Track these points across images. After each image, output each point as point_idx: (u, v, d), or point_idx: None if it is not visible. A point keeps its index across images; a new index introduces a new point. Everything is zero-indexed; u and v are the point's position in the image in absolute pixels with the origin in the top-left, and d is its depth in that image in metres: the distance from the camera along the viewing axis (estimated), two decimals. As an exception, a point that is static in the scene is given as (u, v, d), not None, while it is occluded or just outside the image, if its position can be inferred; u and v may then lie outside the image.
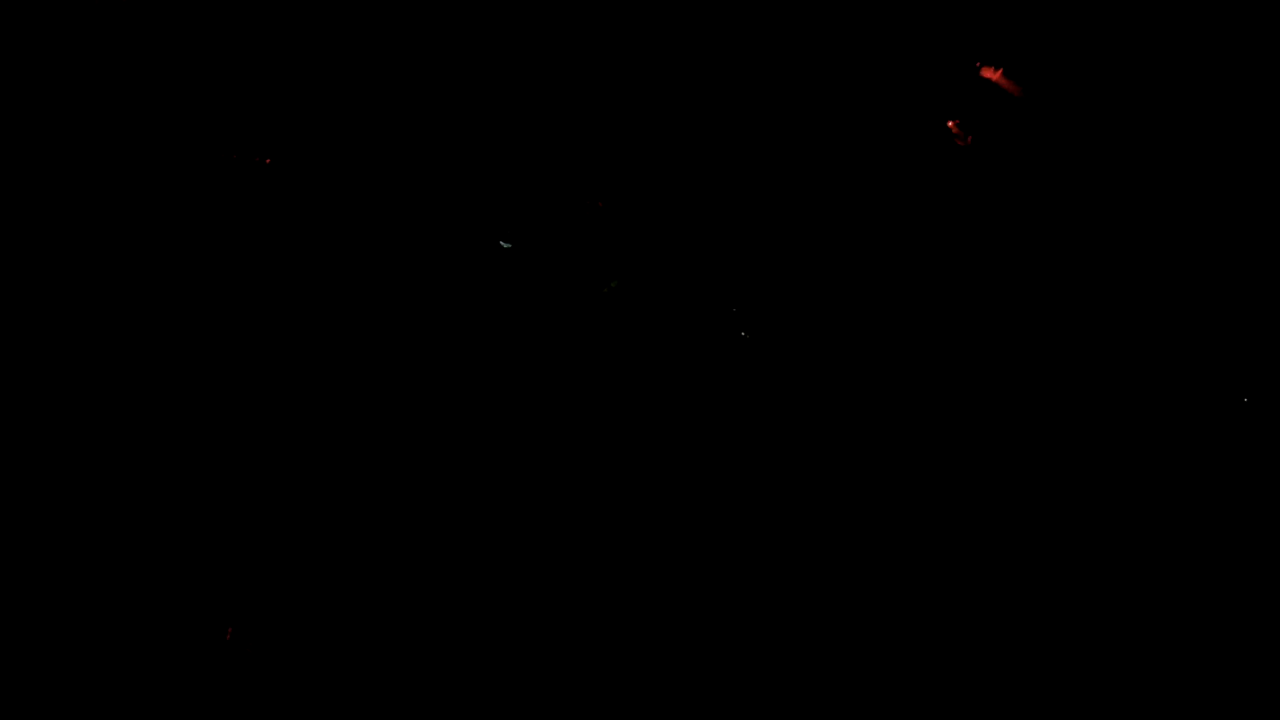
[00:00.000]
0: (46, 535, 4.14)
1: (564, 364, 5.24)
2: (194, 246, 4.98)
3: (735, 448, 5.23)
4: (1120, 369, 5.41)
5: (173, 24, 4.86)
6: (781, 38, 5.43)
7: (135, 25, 4.84)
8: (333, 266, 5.09)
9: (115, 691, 3.71)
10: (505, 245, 4.86)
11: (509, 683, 3.90)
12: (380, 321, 5.07)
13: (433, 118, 5.34)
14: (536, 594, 4.30)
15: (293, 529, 4.13)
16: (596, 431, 5.17)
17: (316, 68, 5.15)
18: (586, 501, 4.85)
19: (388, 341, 5.05)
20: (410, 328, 5.06)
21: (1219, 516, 4.82)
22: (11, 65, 4.71)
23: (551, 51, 5.38)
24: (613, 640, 4.34)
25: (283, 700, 3.77)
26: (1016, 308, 5.58)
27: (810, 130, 5.66)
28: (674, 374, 5.44)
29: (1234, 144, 5.10)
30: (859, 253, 5.64)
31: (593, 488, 4.90)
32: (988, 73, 5.63)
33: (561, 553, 4.44)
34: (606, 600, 4.37)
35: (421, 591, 4.06)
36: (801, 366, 5.59)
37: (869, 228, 5.74)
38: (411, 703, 3.73)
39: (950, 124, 5.43)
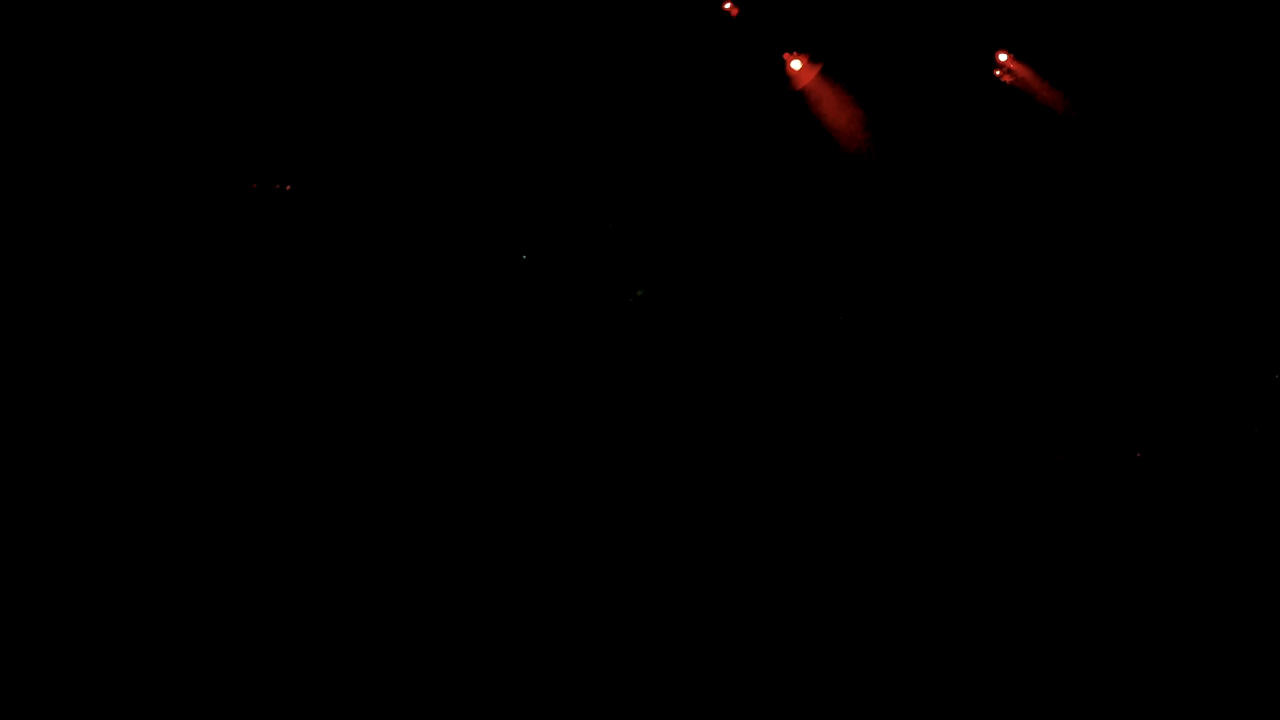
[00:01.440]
0: (49, 534, 4.19)
1: (591, 373, 5.32)
2: (230, 260, 5.11)
3: (758, 449, 5.25)
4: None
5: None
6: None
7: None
8: (365, 283, 5.19)
9: (116, 690, 3.76)
10: (525, 258, 4.97)
11: (507, 681, 3.94)
12: (416, 337, 5.17)
13: (458, 141, 5.41)
14: (548, 590, 4.36)
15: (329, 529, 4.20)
16: (622, 437, 5.23)
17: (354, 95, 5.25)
18: (605, 502, 4.93)
19: (424, 356, 5.15)
20: (441, 341, 5.17)
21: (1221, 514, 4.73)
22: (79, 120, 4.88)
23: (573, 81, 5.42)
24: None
25: (283, 699, 3.81)
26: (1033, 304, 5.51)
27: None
28: (702, 382, 5.48)
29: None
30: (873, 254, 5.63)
31: (613, 489, 4.97)
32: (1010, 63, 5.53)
33: (579, 551, 4.51)
34: (613, 596, 4.41)
35: (434, 588, 4.13)
36: (825, 370, 5.59)
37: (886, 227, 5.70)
38: (411, 702, 3.77)
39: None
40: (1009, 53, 5.62)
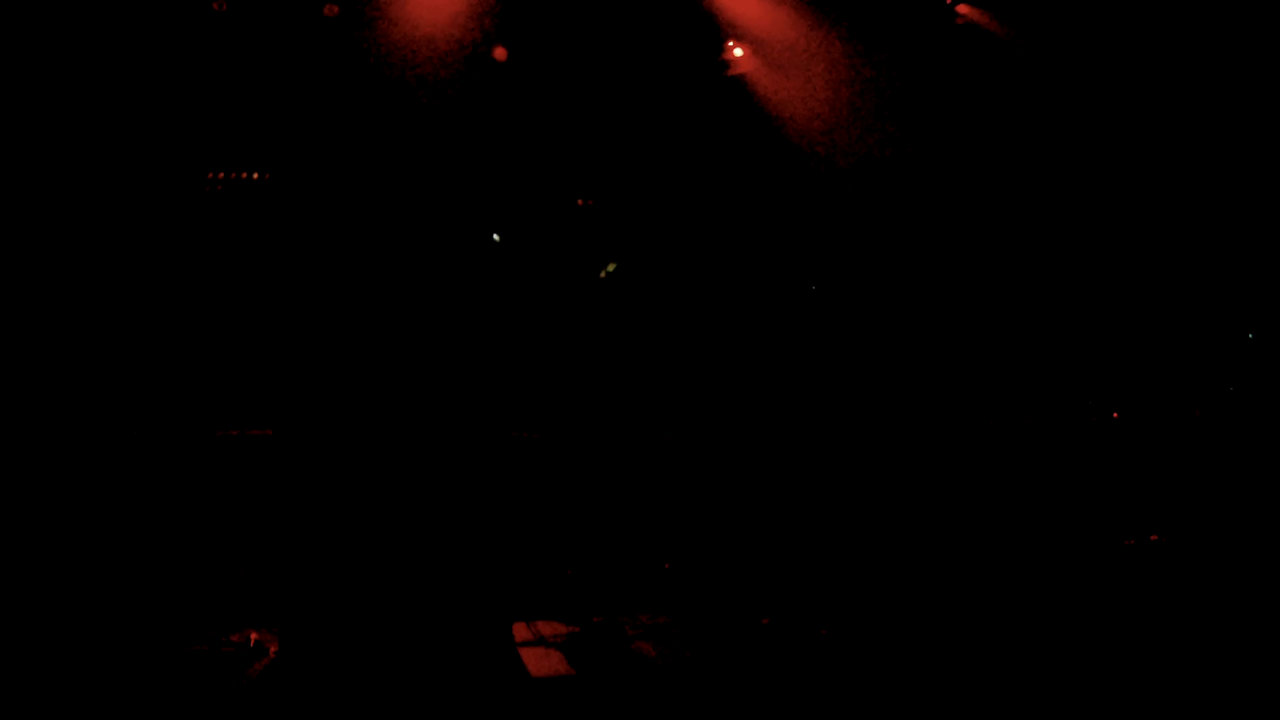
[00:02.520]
0: (57, 538, 4.14)
1: (561, 355, 5.20)
2: (204, 253, 4.97)
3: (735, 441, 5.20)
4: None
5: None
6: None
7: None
8: (332, 270, 5.05)
9: (121, 692, 3.73)
10: (496, 238, 4.82)
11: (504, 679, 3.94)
12: (382, 321, 5.03)
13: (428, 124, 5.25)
14: (530, 589, 4.32)
15: (289, 529, 4.13)
16: (596, 424, 5.15)
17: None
18: (584, 498, 4.85)
19: (389, 340, 5.01)
20: (411, 326, 5.03)
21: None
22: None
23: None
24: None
25: (286, 700, 3.79)
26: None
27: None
28: (674, 364, 5.39)
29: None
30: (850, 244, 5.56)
31: (591, 483, 4.90)
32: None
33: (558, 549, 4.45)
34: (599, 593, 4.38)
35: (414, 590, 4.07)
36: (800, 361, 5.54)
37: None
38: (411, 702, 3.76)
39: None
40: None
